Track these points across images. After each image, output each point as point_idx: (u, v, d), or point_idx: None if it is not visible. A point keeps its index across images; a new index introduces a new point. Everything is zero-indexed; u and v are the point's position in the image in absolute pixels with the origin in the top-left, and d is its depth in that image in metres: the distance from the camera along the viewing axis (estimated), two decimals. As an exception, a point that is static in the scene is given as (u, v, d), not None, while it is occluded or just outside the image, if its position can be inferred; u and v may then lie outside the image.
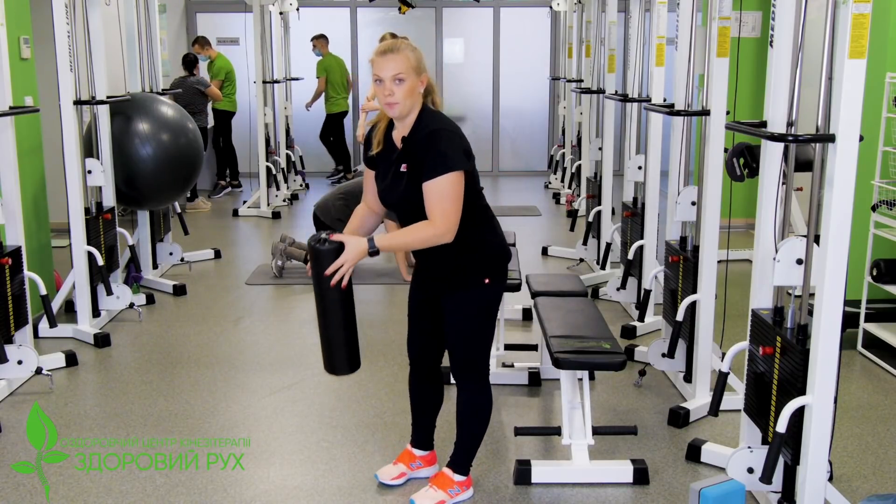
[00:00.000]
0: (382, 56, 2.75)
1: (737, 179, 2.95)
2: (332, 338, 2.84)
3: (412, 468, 3.29)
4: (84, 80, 5.02)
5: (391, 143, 2.90)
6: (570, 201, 8.36)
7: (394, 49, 2.75)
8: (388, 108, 2.77)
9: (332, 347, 2.86)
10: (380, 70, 2.74)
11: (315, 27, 10.85)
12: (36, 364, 4.12)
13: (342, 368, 2.93)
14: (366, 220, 3.08)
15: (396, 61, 2.73)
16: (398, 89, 2.73)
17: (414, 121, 2.82)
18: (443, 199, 2.72)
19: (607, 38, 6.44)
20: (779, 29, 2.87)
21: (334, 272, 2.71)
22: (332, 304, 2.77)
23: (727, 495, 2.79)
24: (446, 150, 2.74)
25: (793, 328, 2.85)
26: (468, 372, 3.04)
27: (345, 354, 2.88)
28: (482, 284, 2.95)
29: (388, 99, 2.74)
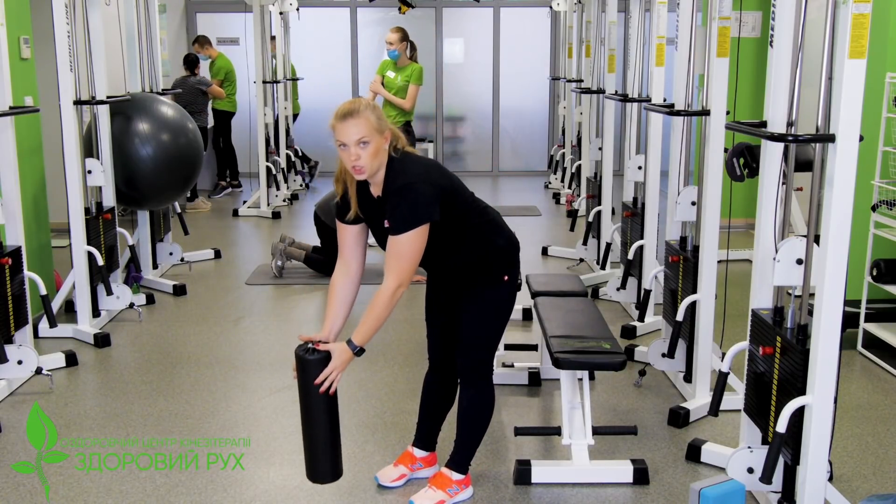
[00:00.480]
0: (343, 121, 2.71)
1: (737, 179, 2.95)
2: (317, 445, 2.82)
3: (413, 469, 3.29)
4: (84, 80, 5.02)
5: (368, 196, 2.89)
6: (570, 201, 8.36)
7: (353, 112, 2.71)
8: (356, 173, 2.76)
9: (317, 454, 2.84)
10: (342, 136, 2.71)
11: (315, 27, 10.87)
12: (36, 364, 4.12)
13: (325, 476, 2.89)
14: (346, 296, 2.97)
15: (358, 125, 2.70)
16: (363, 152, 2.71)
17: (383, 178, 2.82)
18: (399, 256, 2.76)
19: (607, 38, 6.44)
20: (779, 29, 2.87)
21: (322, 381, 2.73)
22: (319, 412, 2.78)
23: (727, 495, 2.79)
24: (412, 207, 2.75)
25: (793, 328, 2.85)
26: (475, 371, 3.05)
27: (329, 461, 2.85)
28: (502, 282, 2.99)
29: (354, 163, 2.72)
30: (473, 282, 3.00)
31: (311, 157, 10.54)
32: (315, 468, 2.87)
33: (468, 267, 2.99)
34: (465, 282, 3.01)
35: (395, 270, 2.77)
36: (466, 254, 2.97)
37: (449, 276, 3.05)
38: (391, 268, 2.78)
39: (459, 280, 3.02)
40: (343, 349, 2.77)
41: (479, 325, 3.01)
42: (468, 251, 2.97)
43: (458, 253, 2.96)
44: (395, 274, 2.77)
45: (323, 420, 2.79)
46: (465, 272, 3.00)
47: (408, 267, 2.78)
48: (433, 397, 3.27)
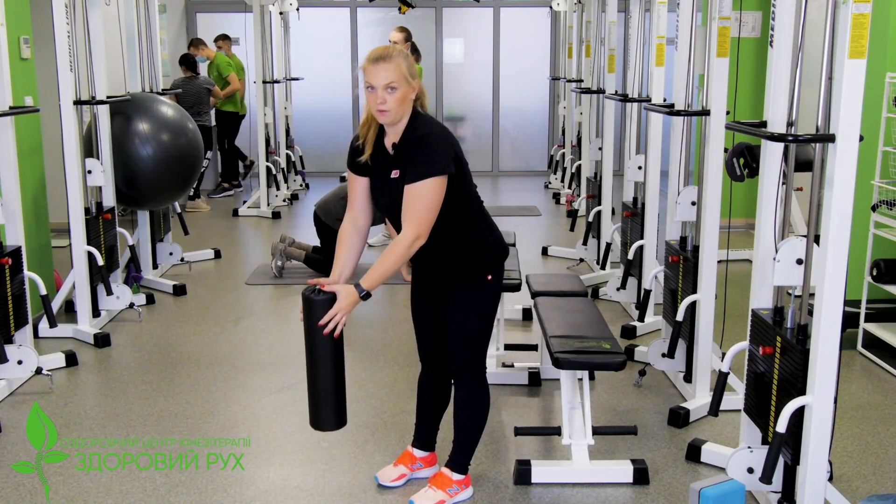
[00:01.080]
0: (374, 64, 2.74)
1: (737, 179, 2.95)
2: (321, 391, 2.81)
3: (413, 469, 3.29)
4: (84, 80, 5.02)
5: (383, 149, 2.89)
6: (570, 201, 8.36)
7: (385, 57, 2.75)
8: (380, 115, 2.77)
9: (320, 401, 2.83)
10: (372, 78, 2.74)
11: (315, 27, 10.87)
12: (36, 364, 4.12)
13: (328, 423, 2.88)
14: (355, 246, 2.96)
15: (388, 70, 2.73)
16: (390, 97, 2.73)
17: (404, 127, 2.82)
18: (419, 204, 2.73)
19: (607, 38, 6.44)
20: (779, 29, 2.87)
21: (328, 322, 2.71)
22: (324, 356, 2.77)
23: (727, 495, 2.79)
24: (431, 156, 2.74)
25: (793, 328, 2.85)
26: (467, 370, 3.05)
27: (333, 408, 2.84)
28: (485, 282, 2.96)
29: (379, 106, 2.74)
30: (457, 279, 2.96)
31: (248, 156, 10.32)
32: (318, 415, 2.85)
33: (456, 259, 2.94)
34: (450, 278, 2.97)
35: (414, 220, 2.73)
36: (458, 242, 2.91)
37: (435, 268, 2.99)
38: (410, 218, 2.73)
39: (444, 275, 2.98)
40: (350, 291, 2.73)
41: (465, 326, 2.99)
42: (461, 239, 2.91)
43: (450, 239, 2.89)
44: (414, 224, 2.73)
45: (327, 365, 2.76)
46: (452, 265, 2.95)
47: (427, 217, 2.73)
48: (429, 398, 3.26)
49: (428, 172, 2.72)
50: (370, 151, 2.88)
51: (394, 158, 2.84)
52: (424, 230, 2.75)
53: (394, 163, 2.84)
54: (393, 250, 2.75)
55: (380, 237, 6.92)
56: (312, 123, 11.16)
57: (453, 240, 2.91)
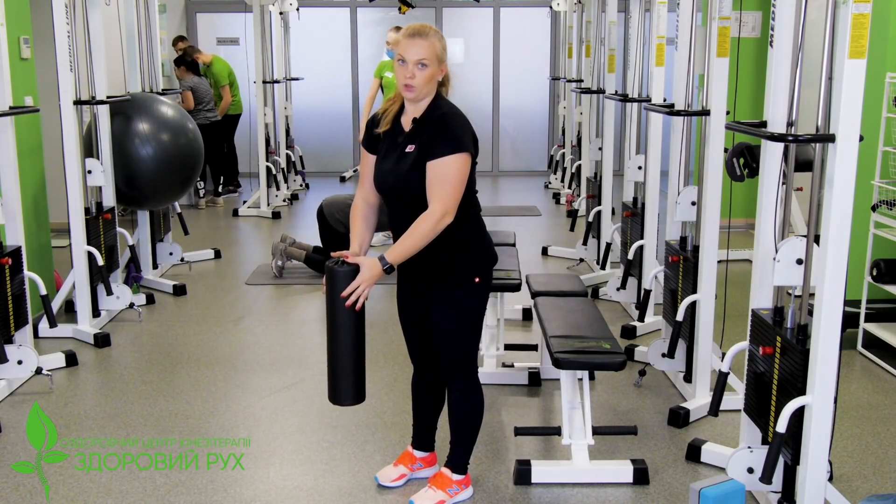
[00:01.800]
0: (410, 39, 2.77)
1: (737, 179, 2.95)
2: (340, 364, 2.81)
3: (413, 469, 3.29)
4: (84, 80, 5.02)
5: (399, 126, 2.90)
6: (570, 201, 8.36)
7: (422, 34, 2.78)
8: (406, 90, 2.78)
9: (339, 374, 2.83)
10: (405, 51, 2.76)
11: (315, 27, 10.86)
12: (36, 364, 4.12)
13: (347, 398, 2.87)
14: (369, 218, 3.01)
15: (423, 46, 2.76)
16: (420, 73, 2.76)
17: (427, 105, 2.84)
18: (445, 179, 2.73)
19: (607, 38, 6.44)
20: (779, 29, 2.87)
21: (350, 294, 2.71)
22: (345, 328, 2.76)
23: (727, 495, 2.79)
24: (458, 133, 2.77)
25: (793, 328, 2.85)
26: (457, 371, 3.03)
27: (351, 382, 2.83)
28: (472, 283, 2.94)
29: (407, 80, 2.76)
30: (444, 280, 2.92)
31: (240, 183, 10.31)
32: (337, 388, 2.84)
33: (446, 256, 2.88)
34: (436, 278, 2.92)
35: (441, 197, 2.72)
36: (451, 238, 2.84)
37: (423, 265, 2.91)
38: (437, 195, 2.73)
39: (430, 274, 2.93)
40: (373, 263, 2.73)
41: (452, 327, 2.97)
42: (454, 235, 2.85)
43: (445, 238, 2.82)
44: (441, 201, 2.72)
45: (348, 337, 2.75)
46: (441, 262, 2.89)
47: (453, 193, 2.73)
48: (423, 399, 3.25)
49: (455, 148, 2.73)
50: (388, 127, 2.89)
51: (411, 133, 2.85)
52: (452, 206, 2.74)
53: (410, 137, 2.84)
54: (421, 226, 2.74)
55: (381, 237, 6.92)
56: (312, 123, 11.16)
57: (447, 239, 2.84)
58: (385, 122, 2.91)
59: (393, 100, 2.94)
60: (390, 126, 2.90)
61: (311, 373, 4.40)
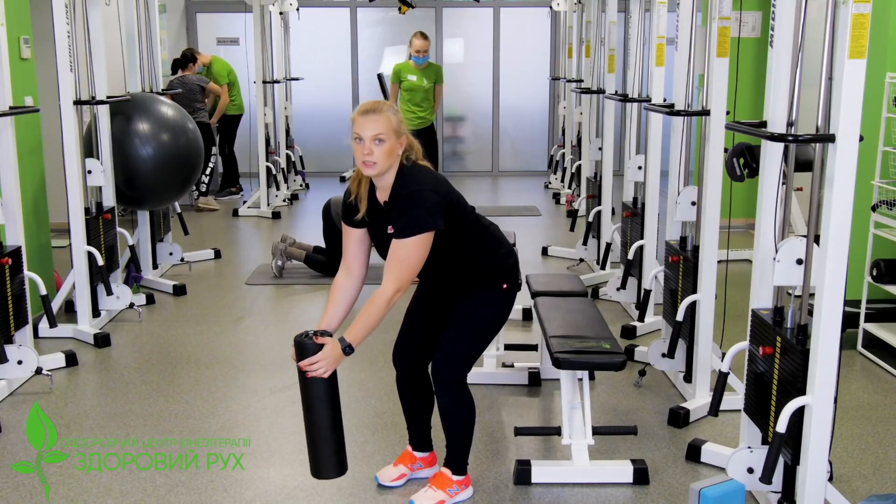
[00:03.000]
0: (364, 116, 2.79)
1: (737, 179, 2.95)
2: (318, 436, 2.81)
3: (413, 469, 3.29)
4: (84, 80, 5.02)
5: (376, 202, 2.93)
6: (570, 201, 8.36)
7: (376, 110, 2.80)
8: (365, 167, 2.80)
9: (318, 446, 2.83)
10: (360, 129, 2.77)
11: (315, 27, 10.86)
12: (36, 364, 4.12)
13: (328, 470, 2.86)
14: (346, 297, 3.01)
15: (377, 122, 2.77)
16: (377, 149, 2.77)
17: (392, 183, 2.86)
18: (401, 260, 2.78)
19: (607, 38, 6.44)
20: (779, 29, 2.87)
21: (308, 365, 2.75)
22: (317, 399, 2.78)
23: (727, 495, 2.79)
24: (418, 212, 2.78)
25: (793, 328, 2.85)
26: (450, 375, 3.03)
27: (332, 453, 2.83)
28: (500, 289, 3.03)
29: (366, 158, 2.77)
30: (471, 288, 3.03)
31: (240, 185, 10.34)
32: (318, 462, 2.85)
33: (467, 278, 3.03)
34: (462, 289, 3.04)
35: (396, 274, 2.78)
36: (467, 266, 3.00)
37: (445, 285, 3.08)
38: (391, 271, 2.79)
39: (455, 288, 3.05)
40: (334, 346, 2.77)
41: (467, 335, 3.01)
42: (469, 263, 3.00)
43: (458, 265, 2.99)
44: (394, 278, 2.78)
45: (323, 409, 2.77)
46: (463, 282, 3.03)
47: (408, 273, 2.80)
48: (412, 403, 3.25)
49: (414, 229, 2.77)
50: (366, 207, 2.92)
51: (386, 213, 2.89)
52: (405, 283, 2.81)
53: (387, 219, 2.88)
54: (374, 304, 2.79)
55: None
56: (312, 123, 11.16)
57: (466, 266, 3.00)
58: (362, 204, 2.92)
59: (357, 180, 2.94)
60: (368, 204, 2.92)
61: (311, 373, 4.40)
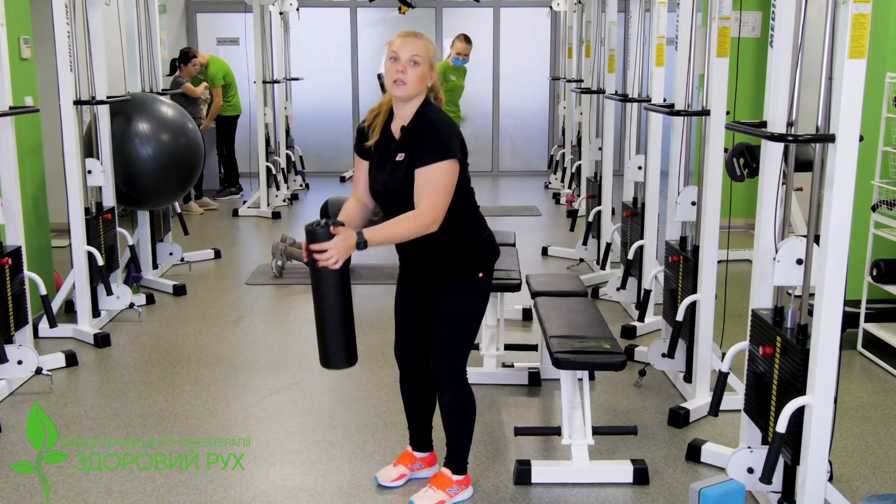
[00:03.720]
0: (404, 37, 2.82)
1: (737, 179, 2.95)
2: (328, 326, 2.78)
3: (413, 469, 3.29)
4: (84, 80, 5.02)
5: (389, 134, 2.92)
6: (570, 201, 8.36)
7: (417, 35, 2.84)
8: (396, 87, 2.79)
9: (327, 337, 2.79)
10: (399, 48, 2.79)
11: (315, 27, 10.86)
12: (36, 364, 4.12)
13: (338, 361, 2.83)
14: (355, 215, 3.02)
15: (417, 45, 2.80)
16: (411, 71, 2.79)
17: (415, 111, 2.86)
18: (433, 187, 2.74)
19: (607, 38, 6.45)
20: (779, 29, 2.87)
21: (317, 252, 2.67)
22: (328, 289, 2.74)
23: (727, 495, 2.80)
24: (445, 139, 2.78)
25: (793, 328, 2.85)
26: (449, 377, 3.02)
27: (341, 344, 2.79)
28: (476, 279, 2.96)
29: (398, 76, 2.78)
30: (448, 273, 2.95)
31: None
32: (327, 353, 2.81)
33: (449, 253, 2.93)
34: (441, 272, 2.95)
35: (430, 204, 2.74)
36: (452, 236, 2.88)
37: (426, 261, 2.97)
38: (425, 202, 2.74)
39: (435, 269, 2.96)
40: (350, 234, 2.70)
41: (452, 319, 2.97)
42: (454, 233, 2.89)
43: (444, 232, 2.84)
44: (430, 208, 2.74)
45: (332, 299, 2.73)
46: (444, 258, 2.93)
47: (442, 200, 2.75)
48: (414, 402, 3.24)
49: (442, 155, 2.74)
50: (377, 137, 2.92)
51: (400, 142, 2.87)
52: (440, 214, 2.76)
53: (399, 146, 2.86)
54: (406, 220, 2.75)
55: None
56: (312, 123, 11.16)
57: (447, 233, 2.86)
58: (374, 133, 2.93)
59: (378, 110, 2.96)
60: (380, 136, 2.92)
61: (311, 373, 4.40)
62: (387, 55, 2.84)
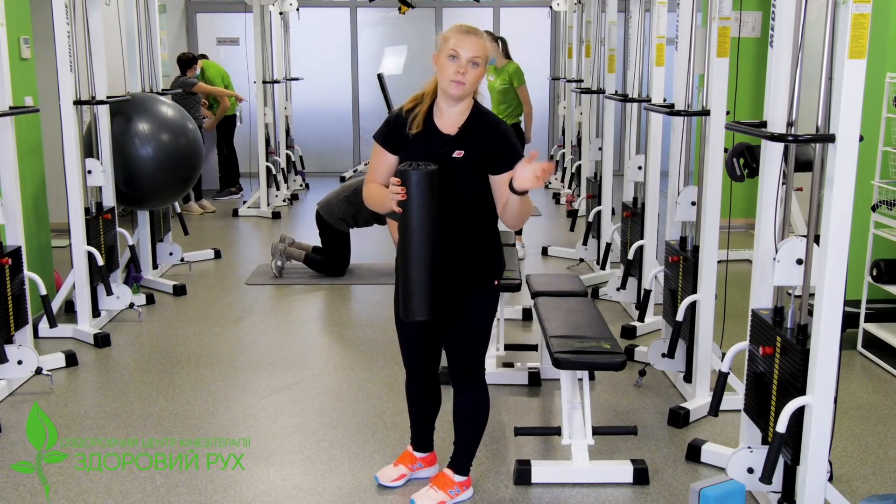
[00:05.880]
0: (466, 35, 2.73)
1: (737, 179, 2.95)
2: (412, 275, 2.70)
3: (413, 469, 3.29)
4: (84, 80, 5.02)
5: (433, 128, 2.83)
6: (570, 201, 8.36)
7: (477, 33, 2.76)
8: (454, 86, 2.72)
9: (411, 286, 2.71)
10: (460, 47, 2.71)
11: (315, 27, 10.86)
12: (36, 364, 4.12)
13: (420, 311, 2.75)
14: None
15: (478, 44, 2.73)
16: (472, 72, 2.73)
17: (469, 110, 2.82)
18: None
19: (607, 38, 6.45)
20: (779, 29, 2.87)
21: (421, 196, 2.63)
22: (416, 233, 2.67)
23: (727, 495, 2.79)
24: (518, 146, 2.83)
25: (793, 328, 2.85)
26: (471, 374, 3.04)
27: (424, 294, 2.72)
28: (492, 286, 2.98)
29: (457, 77, 2.71)
30: (473, 283, 2.93)
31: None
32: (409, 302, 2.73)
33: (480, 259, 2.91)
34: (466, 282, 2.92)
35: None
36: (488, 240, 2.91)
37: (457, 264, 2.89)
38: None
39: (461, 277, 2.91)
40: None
41: (476, 330, 2.98)
42: (491, 237, 2.92)
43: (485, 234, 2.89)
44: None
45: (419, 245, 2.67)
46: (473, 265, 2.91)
47: None
48: (422, 404, 3.24)
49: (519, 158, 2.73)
50: (420, 128, 2.82)
51: (457, 139, 2.80)
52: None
53: (457, 143, 2.79)
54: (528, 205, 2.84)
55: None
56: (312, 123, 11.16)
57: (486, 235, 2.92)
58: (417, 123, 2.83)
59: (420, 99, 2.87)
60: (423, 127, 2.83)
61: (311, 373, 4.40)
62: (442, 50, 2.73)
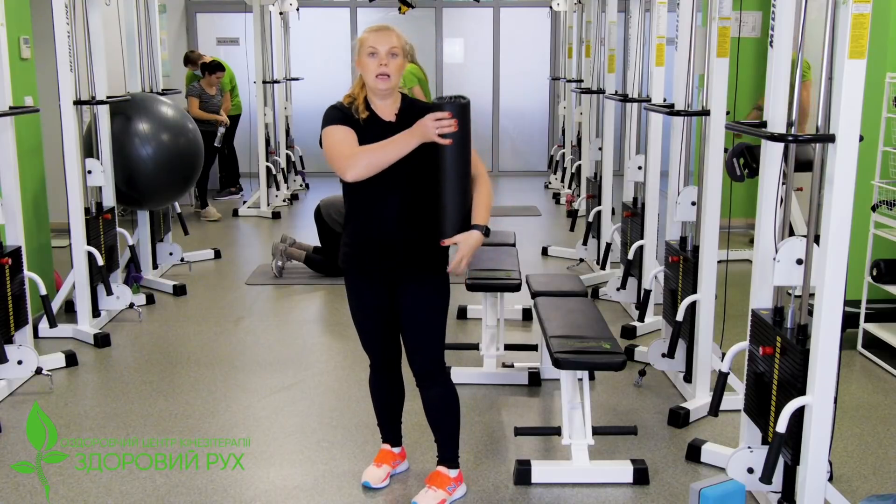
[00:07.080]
0: (378, 32, 2.85)
1: (737, 179, 2.95)
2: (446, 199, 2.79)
3: (394, 465, 3.32)
4: (84, 80, 5.02)
5: (376, 117, 2.91)
6: (570, 201, 8.36)
7: (390, 28, 2.88)
8: (380, 80, 2.82)
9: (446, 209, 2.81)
10: (376, 43, 2.81)
11: (315, 27, 10.86)
12: (36, 364, 4.12)
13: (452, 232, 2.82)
14: None
15: (392, 37, 2.83)
16: (392, 63, 2.82)
17: (398, 102, 2.92)
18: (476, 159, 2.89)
19: (607, 38, 6.45)
20: (779, 29, 2.87)
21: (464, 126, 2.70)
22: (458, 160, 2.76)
23: (727, 495, 2.79)
24: None
25: (793, 328, 2.85)
26: (437, 367, 3.05)
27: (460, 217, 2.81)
28: (444, 272, 2.96)
29: (382, 69, 2.80)
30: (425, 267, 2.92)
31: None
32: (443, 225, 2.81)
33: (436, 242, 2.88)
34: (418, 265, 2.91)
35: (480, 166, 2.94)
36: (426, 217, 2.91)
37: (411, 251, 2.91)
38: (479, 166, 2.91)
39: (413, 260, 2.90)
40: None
41: (437, 325, 3.00)
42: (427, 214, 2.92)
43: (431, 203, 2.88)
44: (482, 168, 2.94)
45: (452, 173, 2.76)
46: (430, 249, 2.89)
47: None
48: (388, 398, 3.26)
49: None
50: (366, 115, 2.90)
51: (398, 124, 2.87)
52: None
53: (399, 127, 2.84)
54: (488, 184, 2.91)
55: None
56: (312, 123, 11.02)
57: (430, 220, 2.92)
58: (361, 109, 2.90)
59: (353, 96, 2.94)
60: (368, 115, 2.91)
61: (311, 373, 4.40)
62: (361, 52, 2.84)
